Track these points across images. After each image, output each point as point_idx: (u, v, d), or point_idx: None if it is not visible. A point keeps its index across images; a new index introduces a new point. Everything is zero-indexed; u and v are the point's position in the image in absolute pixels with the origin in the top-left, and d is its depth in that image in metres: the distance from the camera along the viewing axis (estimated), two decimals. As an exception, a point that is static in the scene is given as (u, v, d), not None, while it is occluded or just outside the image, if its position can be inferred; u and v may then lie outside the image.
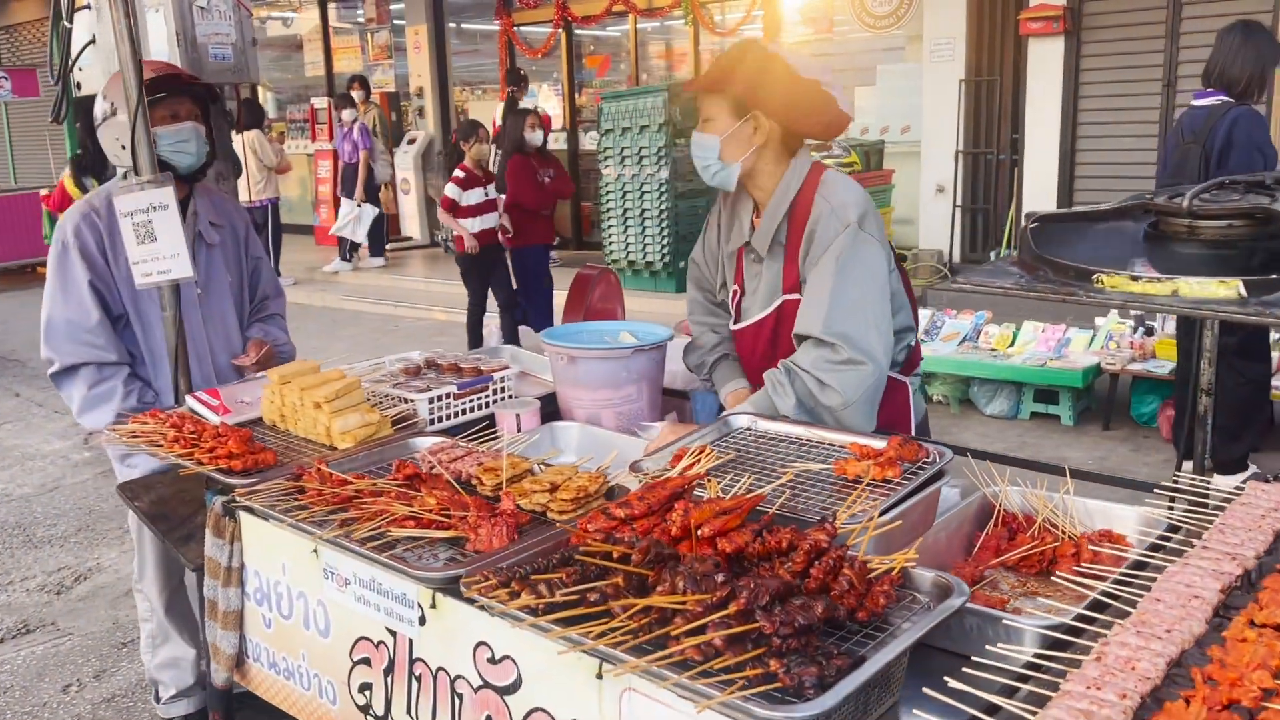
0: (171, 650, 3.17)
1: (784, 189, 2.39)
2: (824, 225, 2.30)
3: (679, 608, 1.42)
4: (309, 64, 16.37)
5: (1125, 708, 1.19)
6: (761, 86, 2.31)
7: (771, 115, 2.34)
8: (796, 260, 2.36)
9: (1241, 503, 1.71)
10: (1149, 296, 1.27)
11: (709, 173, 2.42)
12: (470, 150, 7.88)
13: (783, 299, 2.40)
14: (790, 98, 2.32)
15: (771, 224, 2.39)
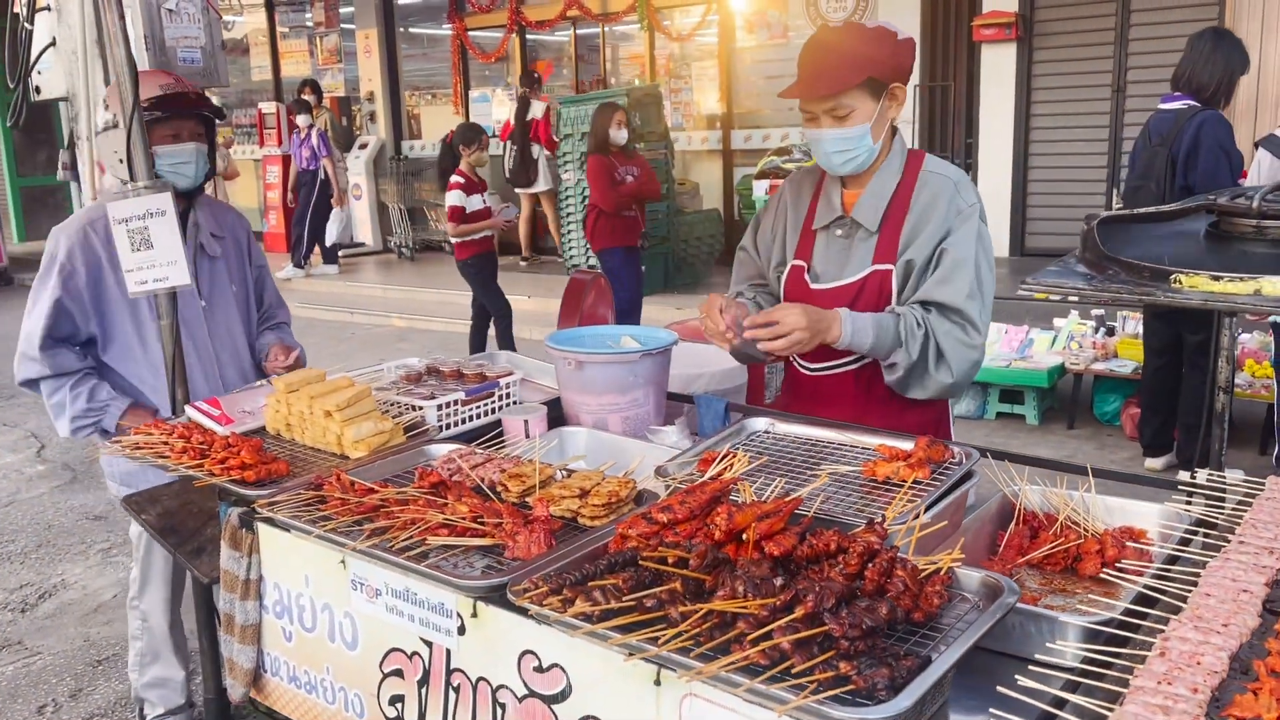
0: (162, 670, 3.11)
1: (892, 163, 2.39)
2: (945, 200, 2.32)
3: (742, 612, 1.42)
4: (255, 68, 16.12)
5: (1199, 701, 1.22)
6: (888, 59, 2.28)
7: (901, 82, 2.33)
8: (898, 233, 2.35)
9: (1266, 497, 1.75)
10: (1230, 295, 1.30)
11: (855, 162, 2.34)
12: (470, 156, 7.66)
13: (872, 268, 2.37)
14: (906, 61, 2.33)
15: (880, 199, 2.37)
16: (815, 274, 2.47)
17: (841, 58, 2.28)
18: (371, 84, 14.61)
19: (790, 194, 2.60)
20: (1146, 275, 1.38)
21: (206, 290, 2.99)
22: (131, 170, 2.61)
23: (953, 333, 2.26)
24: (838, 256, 2.44)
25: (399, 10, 14.51)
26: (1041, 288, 1.48)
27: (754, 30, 11.38)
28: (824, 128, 2.32)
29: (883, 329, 2.25)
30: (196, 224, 2.98)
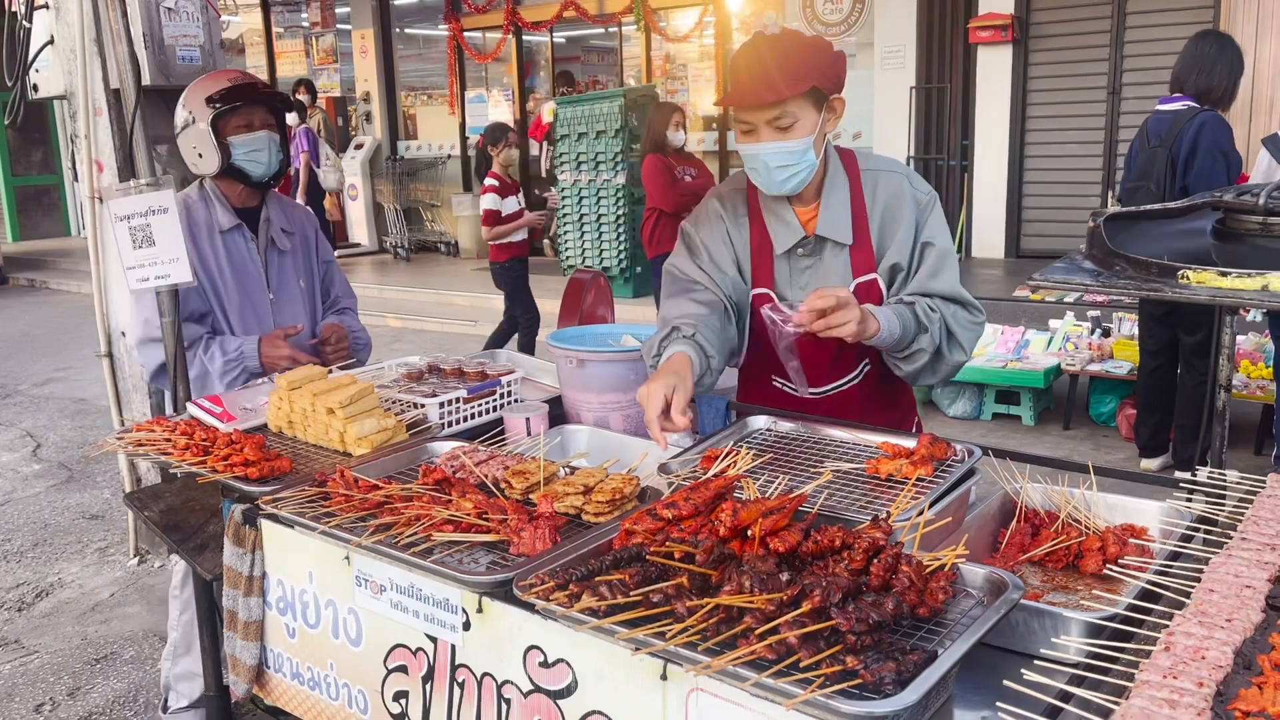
0: (191, 663, 3.13)
1: (836, 172, 2.34)
2: (905, 196, 2.32)
3: (749, 607, 1.42)
4: (251, 68, 16.08)
5: (1205, 695, 1.22)
6: (829, 67, 2.21)
7: (839, 94, 2.26)
8: (868, 241, 2.32)
9: (1268, 495, 1.76)
10: (1239, 291, 1.31)
11: (797, 179, 2.25)
12: (500, 155, 7.48)
13: (857, 281, 2.33)
14: (843, 72, 2.26)
15: (843, 210, 2.32)
16: (791, 303, 2.30)
17: (785, 64, 2.17)
18: (367, 84, 14.61)
19: (725, 211, 2.45)
20: (1154, 271, 1.39)
21: (275, 284, 3.10)
22: (134, 167, 2.61)
23: (959, 314, 2.28)
24: (805, 277, 2.36)
25: (395, 11, 14.51)
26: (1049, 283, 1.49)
27: (750, 32, 11.39)
28: (764, 140, 2.21)
29: (903, 318, 2.21)
30: (268, 219, 3.09)
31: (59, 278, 14.18)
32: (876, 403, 2.46)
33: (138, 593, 4.61)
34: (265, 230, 3.08)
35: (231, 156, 2.90)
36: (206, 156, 2.89)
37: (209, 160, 2.90)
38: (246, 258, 3.02)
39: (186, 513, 2.27)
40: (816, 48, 2.23)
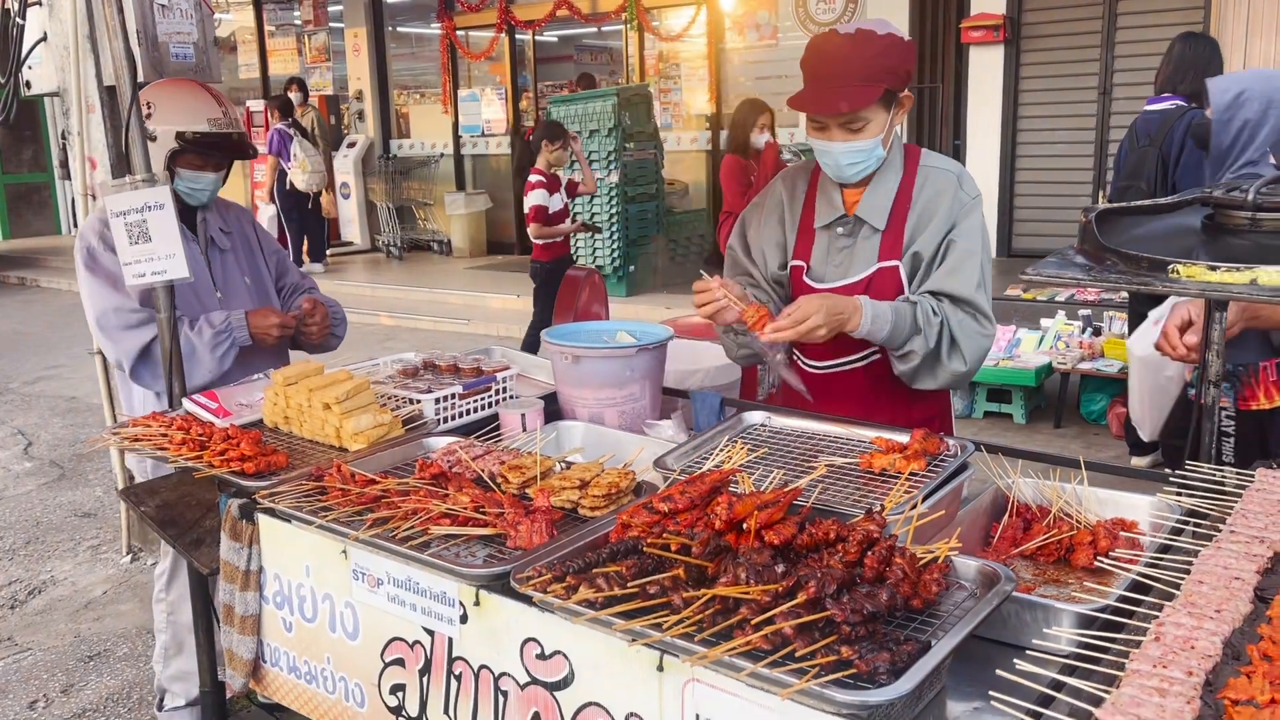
0: (185, 662, 3.13)
1: (893, 161, 2.39)
2: (949, 194, 2.35)
3: (745, 598, 1.44)
4: (243, 66, 16.06)
5: (1194, 684, 1.24)
6: (899, 66, 2.25)
7: (908, 89, 2.32)
8: (902, 230, 2.36)
9: (1256, 489, 1.78)
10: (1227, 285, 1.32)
11: (865, 171, 2.35)
12: (550, 154, 7.26)
13: (879, 265, 2.38)
14: (913, 65, 2.31)
15: (886, 197, 2.38)
16: (816, 274, 2.46)
17: (859, 70, 2.22)
18: (360, 83, 14.59)
19: (785, 192, 2.58)
20: (1144, 265, 1.41)
21: (221, 282, 3.08)
22: (130, 164, 2.61)
23: (965, 322, 2.28)
24: (840, 256, 2.44)
25: (388, 9, 14.49)
26: (1043, 277, 1.50)
27: (743, 31, 11.42)
28: (835, 140, 2.29)
29: (900, 316, 2.25)
30: (204, 220, 3.07)
31: (49, 276, 14.14)
32: (887, 393, 2.48)
33: (130, 590, 4.61)
34: (204, 230, 3.05)
35: (173, 181, 2.87)
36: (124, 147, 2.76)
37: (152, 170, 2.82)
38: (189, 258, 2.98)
39: (182, 508, 2.28)
40: (889, 50, 2.24)
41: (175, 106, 2.92)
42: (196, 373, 2.84)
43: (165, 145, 2.87)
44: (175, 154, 2.89)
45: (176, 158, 2.90)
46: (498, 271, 12.29)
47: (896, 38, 2.27)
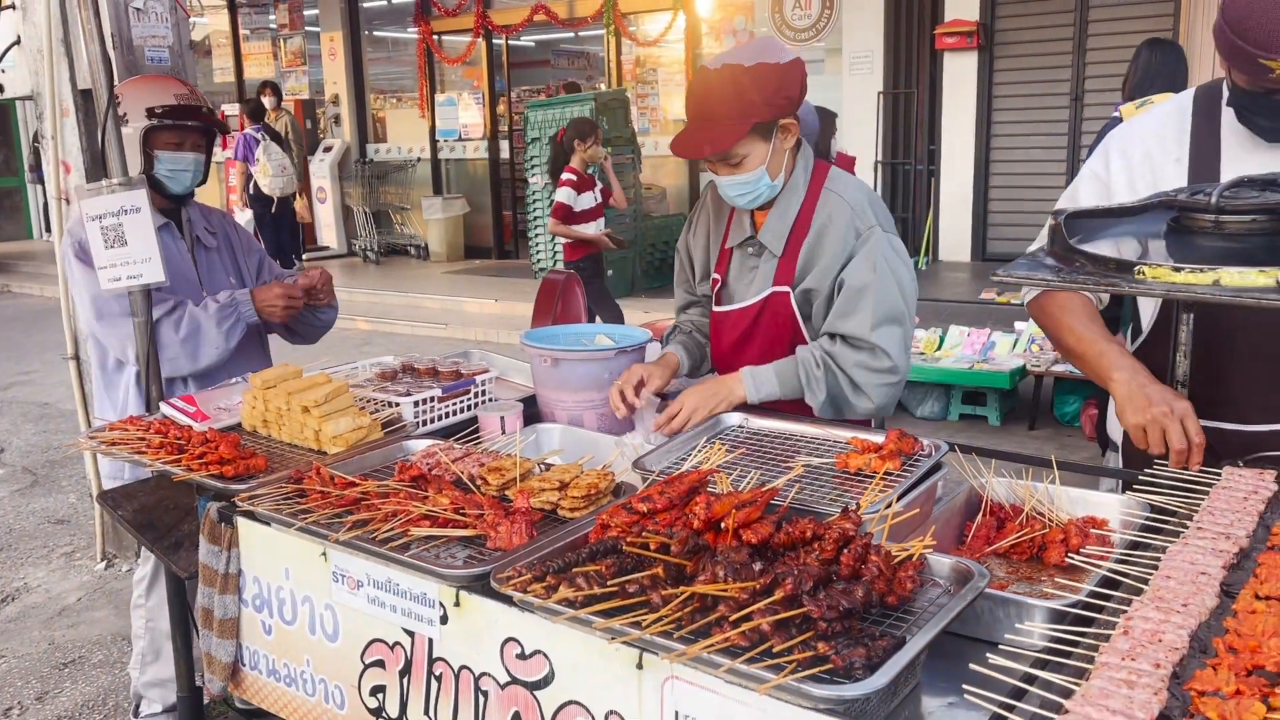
0: (162, 669, 3.12)
1: (796, 184, 2.41)
2: (841, 224, 2.35)
3: (723, 595, 1.45)
4: (218, 70, 15.98)
5: (1161, 676, 1.27)
6: (772, 97, 2.24)
7: (789, 114, 2.31)
8: (796, 256, 2.40)
9: (1222, 487, 1.82)
10: (1191, 285, 1.35)
11: (758, 199, 2.38)
12: (585, 151, 7.26)
13: (772, 290, 2.44)
14: (793, 91, 2.28)
15: (785, 222, 2.42)
16: (729, 291, 2.56)
17: (724, 109, 2.23)
18: (336, 87, 14.54)
19: (712, 206, 2.65)
20: (1112, 267, 1.44)
21: (206, 280, 3.08)
22: (106, 167, 2.61)
23: (864, 363, 2.30)
24: (746, 276, 2.52)
25: (364, 13, 14.46)
26: (1013, 278, 1.53)
27: (720, 36, 11.47)
28: (721, 174, 2.34)
29: (784, 378, 2.35)
30: (190, 220, 3.08)
31: (21, 281, 14.00)
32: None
33: (105, 597, 4.57)
34: (189, 230, 3.07)
35: (154, 168, 2.89)
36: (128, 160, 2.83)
37: (129, 164, 2.84)
38: (177, 255, 3.01)
39: (160, 512, 2.28)
40: (756, 83, 2.22)
41: (142, 92, 2.91)
42: (204, 351, 2.82)
43: (139, 129, 2.85)
44: (150, 135, 2.86)
45: (152, 140, 2.87)
46: (475, 276, 12.28)
47: (768, 65, 2.23)
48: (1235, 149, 1.96)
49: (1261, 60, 1.73)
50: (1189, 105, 2.06)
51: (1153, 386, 1.90)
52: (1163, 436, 1.84)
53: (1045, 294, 2.18)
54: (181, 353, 2.82)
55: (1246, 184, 1.51)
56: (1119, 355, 1.98)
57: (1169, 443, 1.82)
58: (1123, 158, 2.06)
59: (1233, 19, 1.78)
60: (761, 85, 2.23)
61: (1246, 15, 1.75)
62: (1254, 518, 1.70)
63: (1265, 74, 1.74)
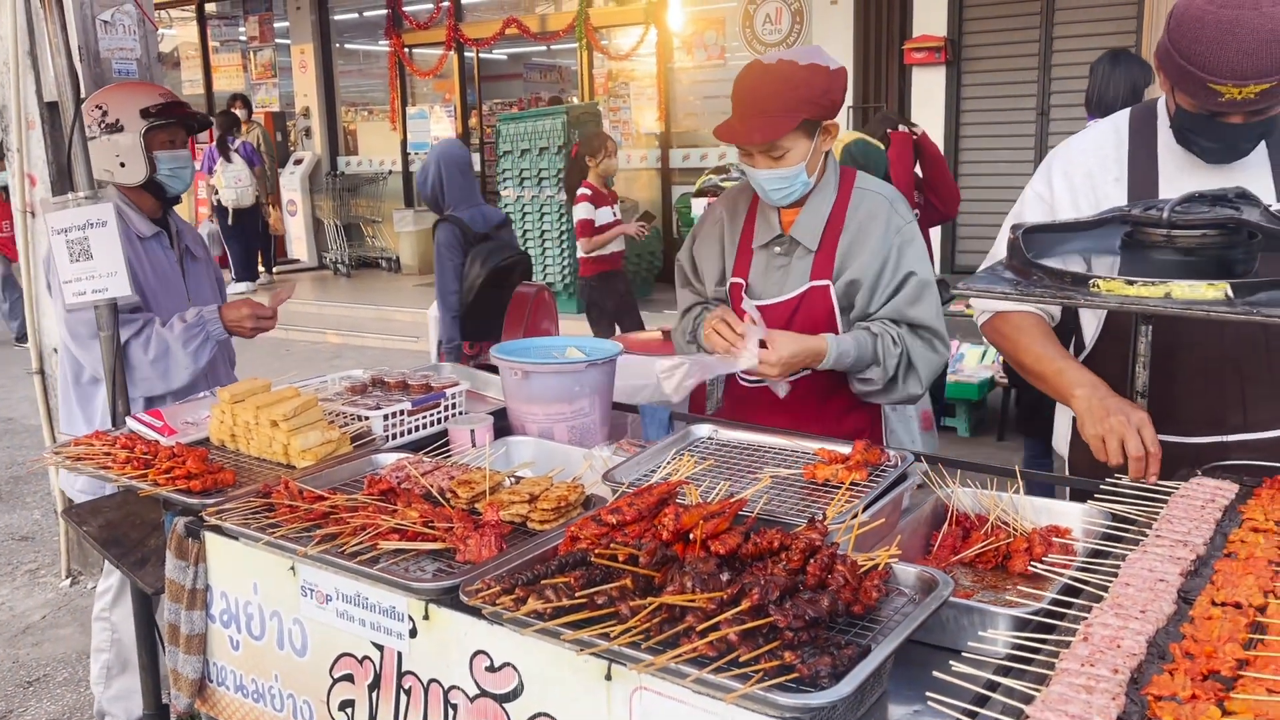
0: (128, 680, 3.08)
1: (827, 183, 2.49)
2: (882, 219, 2.44)
3: (690, 606, 1.46)
4: (187, 82, 15.88)
5: (1119, 681, 1.29)
6: (821, 97, 2.31)
7: (832, 116, 2.39)
8: (833, 251, 2.46)
9: (1181, 495, 1.86)
10: (1143, 298, 1.39)
11: (792, 196, 2.44)
12: (598, 165, 7.11)
13: (810, 284, 2.48)
14: (839, 96, 2.37)
15: (819, 218, 2.48)
16: (754, 291, 2.56)
17: (776, 101, 2.30)
18: (307, 99, 14.48)
19: (726, 212, 2.68)
20: (1068, 280, 1.47)
21: (192, 292, 3.12)
22: (72, 181, 2.59)
23: (924, 349, 2.44)
24: (776, 274, 2.54)
25: (336, 26, 14.42)
26: (972, 292, 1.56)
27: (692, 51, 11.53)
28: (760, 167, 2.39)
29: (862, 349, 2.40)
30: (179, 231, 3.12)
31: (-15, 294, 13.81)
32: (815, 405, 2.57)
33: (70, 614, 4.52)
34: (179, 241, 3.12)
35: (156, 171, 2.95)
36: (131, 166, 2.91)
37: (133, 171, 2.92)
38: (167, 265, 3.03)
39: (126, 527, 2.26)
40: (809, 80, 2.30)
41: (126, 97, 2.96)
42: (174, 372, 2.82)
43: (134, 131, 2.90)
44: (147, 136, 2.92)
45: (150, 142, 2.93)
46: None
47: (820, 67, 2.32)
48: (1172, 169, 2.01)
49: (1210, 85, 1.77)
50: (1125, 126, 2.12)
51: (1112, 399, 1.94)
52: (1120, 446, 1.87)
53: (998, 316, 2.23)
54: (153, 373, 2.83)
55: (1198, 199, 1.55)
56: (1078, 372, 2.01)
57: (1127, 451, 1.85)
58: (1065, 178, 2.11)
59: (1180, 44, 1.82)
60: (814, 83, 2.30)
61: (1196, 40, 1.79)
62: (1211, 525, 1.73)
63: (1214, 98, 1.79)
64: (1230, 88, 1.77)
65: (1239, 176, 1.99)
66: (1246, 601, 1.47)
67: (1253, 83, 1.75)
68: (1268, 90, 1.77)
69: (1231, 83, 1.77)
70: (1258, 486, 1.88)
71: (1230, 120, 1.88)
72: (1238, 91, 1.76)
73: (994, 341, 2.30)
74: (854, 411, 2.58)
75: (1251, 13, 1.77)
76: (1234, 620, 1.42)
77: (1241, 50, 1.75)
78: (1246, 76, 1.76)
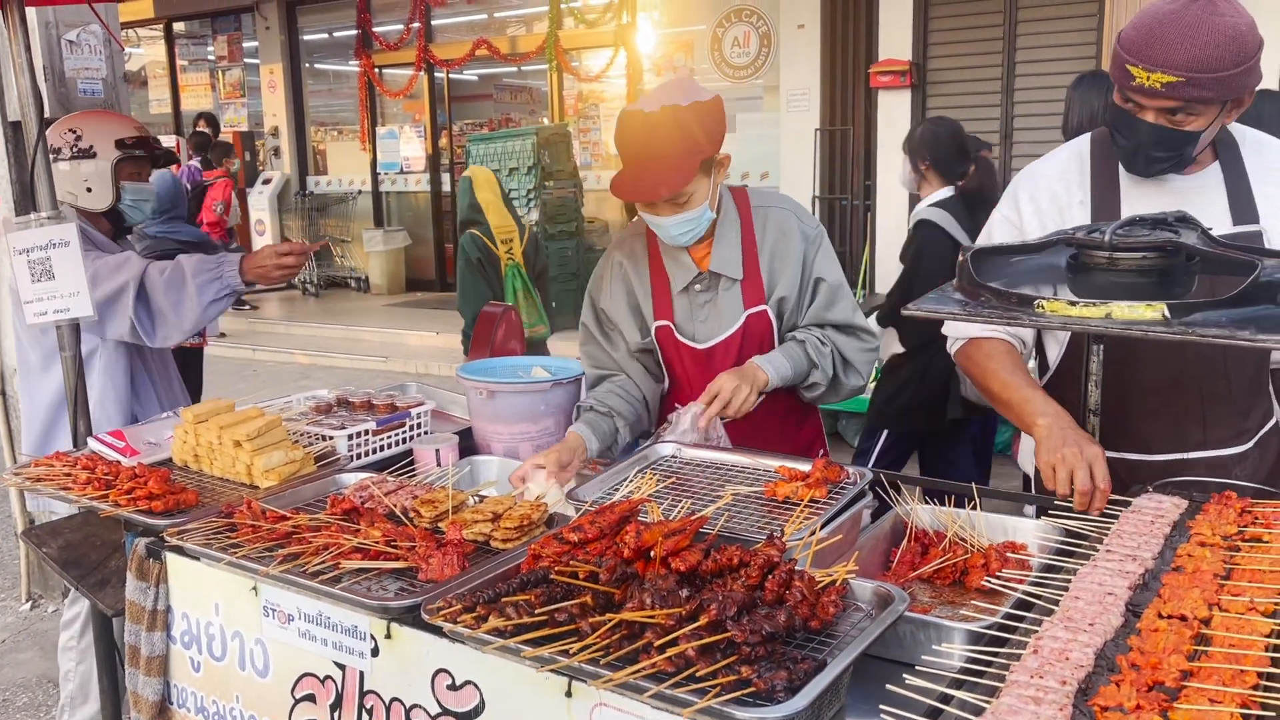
0: (90, 710, 3.05)
1: (729, 212, 2.49)
2: (794, 232, 2.49)
3: (650, 622, 1.48)
4: (154, 101, 15.80)
5: (1067, 692, 1.32)
6: (712, 132, 2.31)
7: (721, 146, 2.37)
8: (758, 273, 2.49)
9: (1131, 512, 1.90)
10: (1085, 319, 1.42)
11: (695, 235, 2.42)
12: None
13: (747, 313, 2.49)
14: (724, 125, 2.36)
15: (734, 248, 2.48)
16: (689, 334, 2.53)
17: (670, 150, 2.26)
18: (276, 119, 14.45)
19: (626, 259, 2.61)
20: (1014, 301, 1.51)
21: None
22: (34, 201, 2.59)
23: (852, 343, 2.50)
24: (704, 311, 2.52)
25: (305, 46, 14.41)
26: (922, 311, 1.60)
27: (661, 72, 11.63)
28: (664, 215, 2.35)
29: (795, 359, 2.44)
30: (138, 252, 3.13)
31: (-53, 314, 13.62)
32: (793, 422, 2.62)
33: (30, 638, 4.46)
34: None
35: (120, 200, 3.01)
36: (97, 192, 2.97)
37: (99, 197, 2.98)
38: None
39: (87, 549, 2.25)
40: (697, 119, 2.27)
41: (101, 126, 3.01)
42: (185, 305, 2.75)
43: (106, 159, 2.95)
44: (118, 166, 2.97)
45: (120, 170, 2.98)
46: (416, 309, 12.22)
47: (701, 103, 2.29)
48: (1132, 190, 2.06)
49: (1127, 65, 1.82)
50: (1087, 150, 2.16)
51: (1071, 431, 1.95)
52: (1070, 477, 1.89)
53: (971, 343, 2.25)
54: (165, 302, 2.76)
55: (1139, 223, 1.60)
56: (1043, 402, 2.03)
57: (1075, 483, 1.87)
58: (1031, 202, 2.15)
59: (1123, 33, 1.88)
60: (703, 121, 2.29)
61: (1134, 26, 1.84)
62: (1160, 540, 1.77)
63: (1128, 80, 1.83)
64: (1140, 71, 1.81)
65: (1196, 199, 2.03)
66: (1191, 614, 1.51)
67: (1160, 70, 1.79)
68: (1173, 85, 1.80)
69: (1142, 66, 1.81)
70: (1206, 503, 1.92)
71: (1142, 115, 1.91)
72: (1146, 76, 1.81)
73: (964, 367, 2.31)
74: (808, 419, 2.67)
75: (1187, 12, 1.81)
76: (1179, 632, 1.46)
77: (1161, 39, 1.80)
78: (1155, 63, 1.80)
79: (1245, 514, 1.87)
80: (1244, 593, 1.56)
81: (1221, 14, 1.82)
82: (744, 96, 11.14)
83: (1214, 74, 1.80)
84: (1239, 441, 2.22)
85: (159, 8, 14.53)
